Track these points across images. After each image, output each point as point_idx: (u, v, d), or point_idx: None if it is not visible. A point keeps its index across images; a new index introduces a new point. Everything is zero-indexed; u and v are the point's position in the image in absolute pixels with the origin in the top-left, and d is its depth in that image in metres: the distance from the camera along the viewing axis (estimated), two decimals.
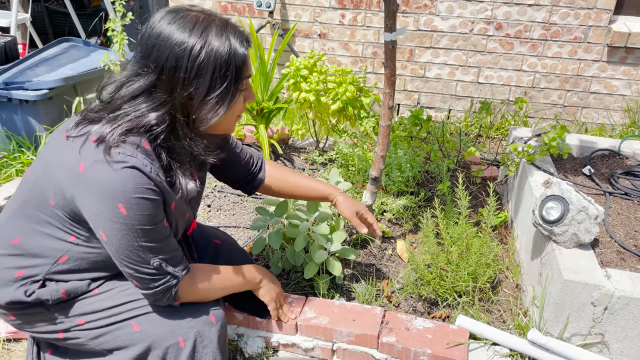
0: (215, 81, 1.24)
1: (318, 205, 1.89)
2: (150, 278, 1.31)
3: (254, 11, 3.63)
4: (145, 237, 1.26)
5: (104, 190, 1.20)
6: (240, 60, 1.26)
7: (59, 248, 1.33)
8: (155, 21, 1.24)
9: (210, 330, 1.40)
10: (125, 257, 1.28)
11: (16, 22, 3.93)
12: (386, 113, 1.86)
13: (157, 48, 1.22)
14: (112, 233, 1.24)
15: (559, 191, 1.72)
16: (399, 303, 1.91)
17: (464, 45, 3.44)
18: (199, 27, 1.23)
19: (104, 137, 1.23)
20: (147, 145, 1.26)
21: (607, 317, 1.58)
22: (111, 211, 1.21)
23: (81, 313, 1.38)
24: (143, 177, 1.22)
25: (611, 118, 3.47)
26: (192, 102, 1.26)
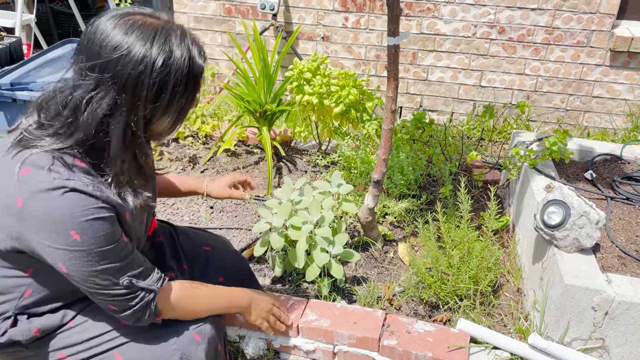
0: (175, 95, 1.15)
1: (320, 207, 1.90)
2: (125, 299, 1.24)
3: (257, 14, 3.64)
4: (107, 258, 1.18)
5: (50, 222, 1.11)
6: (198, 72, 1.19)
7: (20, 284, 1.27)
8: (108, 28, 1.12)
9: (197, 350, 1.35)
10: (92, 284, 1.20)
11: (21, 23, 3.95)
12: (389, 116, 1.87)
13: (114, 61, 1.10)
14: (71, 263, 1.15)
15: (561, 196, 1.72)
16: (400, 306, 1.91)
17: (467, 48, 3.45)
18: (160, 38, 1.12)
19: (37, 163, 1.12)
20: (82, 163, 1.16)
21: (607, 322, 1.59)
22: (64, 241, 1.13)
23: (60, 347, 1.33)
24: (88, 197, 1.13)
25: (613, 122, 3.48)
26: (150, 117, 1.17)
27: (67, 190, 1.11)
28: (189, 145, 2.93)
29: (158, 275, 1.31)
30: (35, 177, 1.12)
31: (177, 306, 1.34)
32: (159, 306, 1.30)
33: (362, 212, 2.06)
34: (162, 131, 1.22)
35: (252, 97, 2.67)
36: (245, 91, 2.70)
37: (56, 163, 1.13)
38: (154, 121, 1.18)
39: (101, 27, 1.13)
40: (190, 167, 2.80)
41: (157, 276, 1.30)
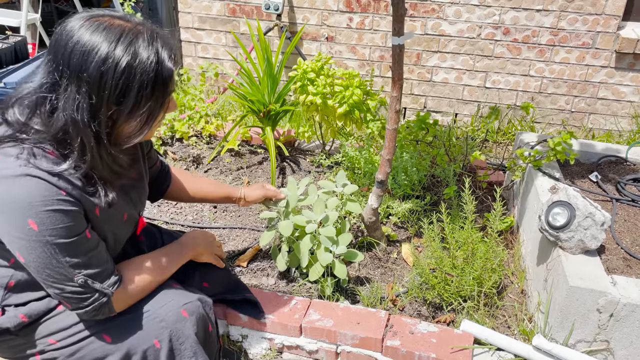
0: (141, 99, 1.15)
1: (325, 206, 1.90)
2: (77, 297, 1.23)
3: (262, 14, 3.64)
4: (64, 252, 1.18)
5: (9, 208, 1.12)
6: (167, 75, 1.17)
7: (3, 274, 1.28)
8: (75, 28, 1.12)
9: (184, 327, 1.36)
10: (46, 276, 1.19)
11: (26, 22, 3.96)
12: (393, 116, 1.87)
13: (78, 61, 1.10)
14: (27, 252, 1.16)
15: (566, 197, 1.72)
16: (403, 307, 1.91)
17: (472, 49, 3.44)
18: (125, 39, 1.12)
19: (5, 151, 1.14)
20: (54, 155, 1.16)
21: (612, 324, 1.58)
22: (21, 228, 1.13)
23: (50, 332, 1.34)
24: (50, 187, 1.13)
25: (619, 124, 3.46)
26: (114, 118, 1.17)
27: (31, 178, 1.12)
28: (193, 145, 2.93)
29: (116, 278, 1.29)
30: (1, 164, 1.13)
31: (131, 299, 1.35)
32: (114, 305, 1.30)
33: (365, 212, 2.06)
34: (130, 134, 1.20)
35: (256, 97, 2.67)
36: (249, 91, 2.69)
37: (25, 152, 1.14)
38: (119, 123, 1.18)
39: (68, 28, 1.14)
40: (194, 166, 2.80)
41: (115, 279, 1.29)
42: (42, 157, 1.15)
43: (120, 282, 1.31)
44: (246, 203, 1.85)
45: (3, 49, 3.04)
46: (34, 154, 1.14)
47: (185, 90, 3.16)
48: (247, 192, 1.84)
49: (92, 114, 1.13)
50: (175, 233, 1.73)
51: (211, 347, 1.48)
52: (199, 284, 1.65)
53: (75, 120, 1.13)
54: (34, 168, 1.13)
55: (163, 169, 1.69)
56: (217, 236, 2.29)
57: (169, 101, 1.23)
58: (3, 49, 3.04)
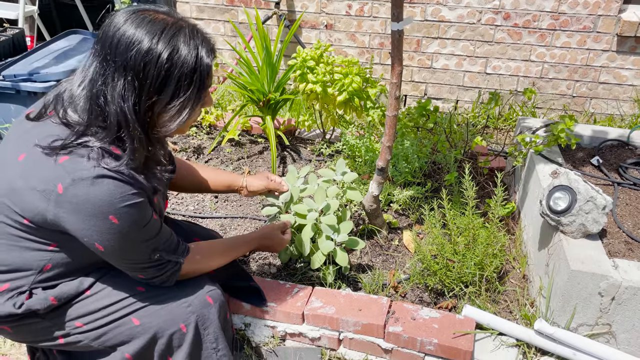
0: (179, 90, 1.22)
1: (325, 195, 1.90)
2: (154, 270, 1.35)
3: (260, 2, 3.62)
4: (141, 237, 1.28)
5: (91, 208, 1.19)
6: (205, 70, 1.25)
7: (41, 258, 1.31)
8: (120, 22, 1.20)
9: (210, 312, 1.43)
10: (126, 260, 1.31)
11: (24, 15, 3.94)
12: (393, 103, 1.86)
13: (123, 51, 1.18)
14: (109, 243, 1.25)
15: (567, 181, 1.71)
16: (405, 293, 1.91)
17: (472, 35, 3.42)
18: (168, 33, 1.20)
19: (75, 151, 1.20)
20: (117, 150, 1.24)
21: (614, 308, 1.58)
22: (103, 224, 1.21)
23: (78, 316, 1.37)
24: (124, 185, 1.21)
25: (620, 108, 3.44)
26: (154, 108, 1.24)
27: (107, 178, 1.19)
28: (193, 136, 2.93)
29: (183, 247, 1.41)
30: (74, 164, 1.19)
31: (196, 269, 1.46)
32: (182, 272, 1.42)
33: (366, 199, 2.05)
34: (167, 123, 1.26)
35: (255, 86, 2.66)
36: (248, 80, 2.68)
37: (94, 153, 1.21)
38: (157, 112, 1.24)
39: (114, 21, 1.21)
40: (194, 157, 2.79)
41: (183, 248, 1.41)
42: (108, 156, 1.22)
43: (187, 250, 1.42)
44: (249, 193, 1.85)
45: (1, 41, 3.03)
46: (102, 154, 1.22)
47: None
48: (250, 181, 1.85)
49: (135, 102, 1.20)
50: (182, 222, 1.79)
51: (228, 334, 1.53)
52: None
53: (123, 110, 1.20)
54: (106, 169, 1.20)
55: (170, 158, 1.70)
56: (219, 226, 2.30)
57: (205, 96, 1.30)
58: (1, 42, 3.03)
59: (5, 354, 1.79)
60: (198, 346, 1.43)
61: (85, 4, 4.58)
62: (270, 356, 1.80)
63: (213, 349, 1.44)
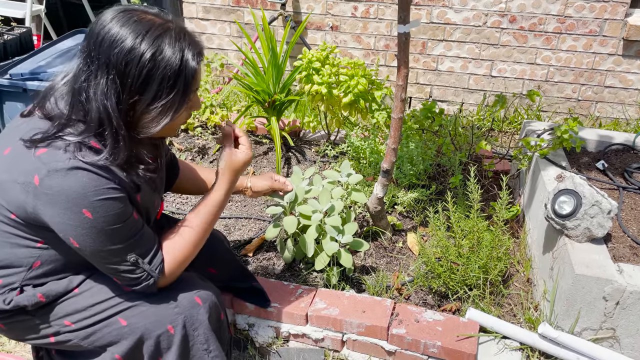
0: (162, 91, 1.21)
1: (330, 196, 1.90)
2: (129, 276, 1.31)
3: (266, 3, 3.63)
4: (117, 236, 1.25)
5: (64, 199, 1.18)
6: (190, 73, 1.24)
7: (30, 255, 1.31)
8: (107, 20, 1.20)
9: (198, 313, 1.40)
10: (101, 258, 1.28)
11: (31, 14, 3.97)
12: (398, 105, 1.86)
13: (107, 49, 1.18)
14: (83, 239, 1.23)
15: (572, 185, 1.71)
16: (409, 295, 1.91)
17: (477, 38, 3.41)
18: (153, 34, 1.19)
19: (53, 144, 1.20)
20: (97, 145, 1.23)
21: (618, 312, 1.58)
22: (76, 217, 1.20)
23: (66, 314, 1.37)
24: (100, 178, 1.20)
25: (626, 112, 3.44)
26: (135, 107, 1.23)
27: (82, 170, 1.18)
28: (198, 136, 2.94)
29: (160, 259, 1.34)
30: (51, 156, 1.19)
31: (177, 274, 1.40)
32: (160, 283, 1.37)
33: (371, 201, 2.06)
34: (148, 124, 1.25)
35: (260, 87, 2.66)
36: (254, 81, 2.69)
37: (72, 146, 1.20)
38: (138, 112, 1.23)
39: (102, 19, 1.21)
40: (199, 157, 2.80)
41: (159, 260, 1.34)
42: (86, 149, 1.21)
43: (163, 265, 1.35)
44: (253, 194, 1.83)
45: (8, 40, 3.05)
46: (80, 147, 1.21)
47: None
48: (255, 181, 1.83)
49: (118, 100, 1.20)
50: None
51: (223, 335, 1.50)
52: (206, 269, 1.66)
53: (105, 106, 1.20)
54: (81, 161, 1.19)
55: (172, 160, 1.71)
56: (223, 226, 2.30)
57: (190, 99, 1.28)
58: (8, 40, 3.04)
59: (10, 352, 1.80)
60: (188, 348, 1.40)
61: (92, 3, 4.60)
62: (274, 357, 1.80)
63: (204, 350, 1.42)
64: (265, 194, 1.87)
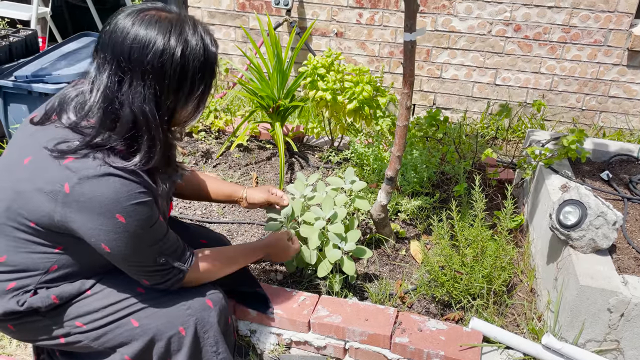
0: (195, 84, 1.25)
1: (333, 203, 1.89)
2: (158, 275, 1.35)
3: (271, 9, 3.63)
4: (148, 239, 1.29)
5: (98, 206, 1.20)
6: (213, 59, 1.27)
7: (48, 260, 1.32)
8: (128, 26, 1.19)
9: (209, 315, 1.43)
10: (132, 262, 1.31)
11: (37, 16, 3.98)
12: (404, 113, 1.86)
13: (139, 55, 1.18)
14: (116, 243, 1.25)
15: (578, 195, 1.70)
16: (412, 304, 1.90)
17: (482, 46, 3.42)
18: (176, 30, 1.21)
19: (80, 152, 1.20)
20: (123, 149, 1.24)
21: (623, 324, 1.57)
22: (110, 223, 1.22)
23: (78, 315, 1.38)
24: (131, 183, 1.22)
25: (630, 123, 3.43)
26: (176, 106, 1.25)
27: (113, 177, 1.20)
28: (202, 140, 2.94)
29: (188, 254, 1.41)
30: (80, 164, 1.20)
31: (200, 278, 1.46)
32: (186, 280, 1.41)
33: (374, 209, 2.05)
34: (187, 118, 1.30)
35: (265, 93, 2.66)
36: (258, 86, 2.69)
37: (100, 152, 1.22)
38: (177, 109, 1.27)
39: (120, 25, 1.20)
40: (203, 161, 2.80)
41: (188, 255, 1.41)
42: (114, 155, 1.22)
43: (192, 259, 1.42)
44: (248, 205, 1.84)
45: (14, 42, 3.05)
46: (108, 153, 1.22)
47: None
48: (250, 193, 1.84)
49: (157, 103, 1.22)
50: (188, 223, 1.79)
51: (229, 339, 1.52)
52: None
53: (145, 112, 1.21)
54: (112, 166, 1.20)
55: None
56: (226, 231, 2.30)
57: (214, 84, 1.33)
58: (14, 43, 3.05)
59: (11, 354, 1.79)
60: (198, 350, 1.42)
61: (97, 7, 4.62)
62: None
63: (214, 352, 1.44)
64: (261, 206, 1.88)
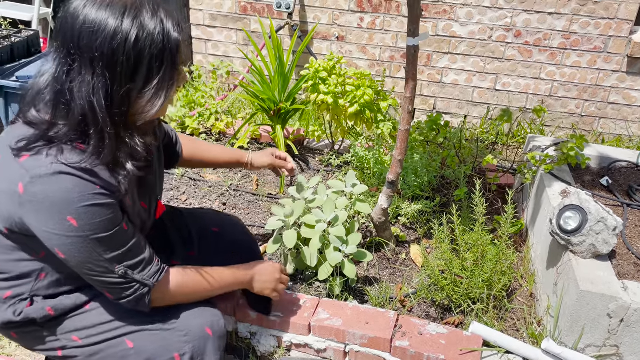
0: (152, 72, 1.13)
1: (334, 206, 1.90)
2: (119, 288, 1.24)
3: (273, 12, 3.65)
4: (104, 245, 1.18)
5: (48, 206, 1.12)
6: (175, 46, 1.15)
7: (34, 267, 1.28)
8: (79, 9, 1.10)
9: (207, 344, 1.35)
10: (87, 270, 1.20)
11: (38, 17, 3.98)
12: (405, 117, 1.87)
13: (88, 41, 1.08)
14: (68, 248, 1.16)
15: (578, 201, 1.71)
16: (412, 308, 1.91)
17: (482, 51, 3.43)
18: (131, 12, 1.10)
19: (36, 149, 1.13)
20: (82, 146, 1.15)
21: (622, 329, 1.57)
22: (61, 226, 1.13)
23: (74, 329, 1.34)
24: (85, 183, 1.13)
25: (629, 129, 3.45)
26: (130, 96, 1.14)
27: (65, 175, 1.11)
28: None
29: (156, 267, 1.29)
30: (34, 162, 1.12)
31: (172, 298, 1.34)
32: (153, 298, 1.29)
33: (375, 212, 2.06)
34: (144, 110, 1.17)
35: (266, 96, 2.67)
36: (260, 89, 2.70)
37: (54, 149, 1.13)
38: (132, 100, 1.15)
39: (71, 10, 1.11)
40: None
41: (155, 269, 1.28)
42: (69, 152, 1.14)
43: (162, 274, 1.29)
44: (253, 167, 1.89)
45: (16, 42, 3.06)
46: (62, 149, 1.13)
47: (196, 87, 3.17)
48: (255, 158, 1.88)
49: (107, 94, 1.12)
50: (197, 211, 1.75)
51: None
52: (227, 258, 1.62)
53: (92, 104, 1.11)
54: (65, 165, 1.12)
55: (173, 137, 1.69)
56: None
57: (178, 74, 1.21)
58: (16, 43, 3.05)
59: (11, 355, 1.79)
60: None
61: None
62: None
63: None
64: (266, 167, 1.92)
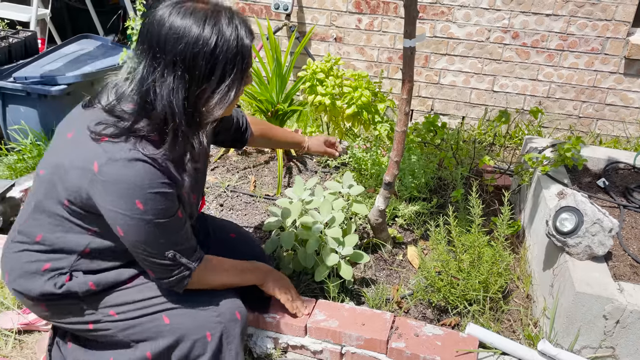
0: (225, 74, 1.25)
1: (331, 207, 1.90)
2: (165, 269, 1.35)
3: (271, 13, 3.65)
4: (161, 230, 1.29)
5: (120, 188, 1.22)
6: (247, 51, 1.28)
7: (81, 242, 1.35)
8: (165, 16, 1.22)
9: (235, 327, 1.44)
10: (141, 250, 1.31)
11: (36, 18, 3.98)
12: (402, 119, 1.87)
13: (173, 45, 1.20)
14: (129, 228, 1.27)
15: (574, 202, 1.71)
16: (408, 309, 1.91)
17: (480, 53, 3.44)
18: (211, 20, 1.22)
19: (118, 135, 1.24)
20: (157, 138, 1.27)
21: (618, 331, 1.57)
22: (128, 207, 1.24)
23: (113, 304, 1.41)
24: (156, 171, 1.24)
25: (626, 131, 3.45)
26: (202, 96, 1.26)
27: (140, 162, 1.23)
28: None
29: (199, 254, 1.42)
30: (113, 146, 1.23)
31: (204, 282, 1.45)
32: (190, 281, 1.41)
33: (372, 213, 2.06)
34: (214, 108, 1.28)
35: (264, 96, 2.67)
36: (257, 90, 2.70)
37: (132, 137, 1.24)
38: (204, 100, 1.27)
39: (158, 16, 1.23)
40: None
41: (198, 255, 1.41)
42: (147, 142, 1.25)
43: (201, 260, 1.42)
44: (309, 152, 2.14)
45: (13, 43, 3.05)
46: (141, 139, 1.25)
47: None
48: (312, 144, 2.11)
49: (185, 95, 1.24)
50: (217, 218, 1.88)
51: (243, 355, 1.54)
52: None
53: (172, 104, 1.23)
54: (141, 153, 1.23)
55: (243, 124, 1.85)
56: None
57: (247, 76, 1.32)
58: (13, 44, 3.05)
59: (6, 356, 1.79)
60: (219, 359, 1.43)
61: (97, 9, 4.63)
62: None
63: None
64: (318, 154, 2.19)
